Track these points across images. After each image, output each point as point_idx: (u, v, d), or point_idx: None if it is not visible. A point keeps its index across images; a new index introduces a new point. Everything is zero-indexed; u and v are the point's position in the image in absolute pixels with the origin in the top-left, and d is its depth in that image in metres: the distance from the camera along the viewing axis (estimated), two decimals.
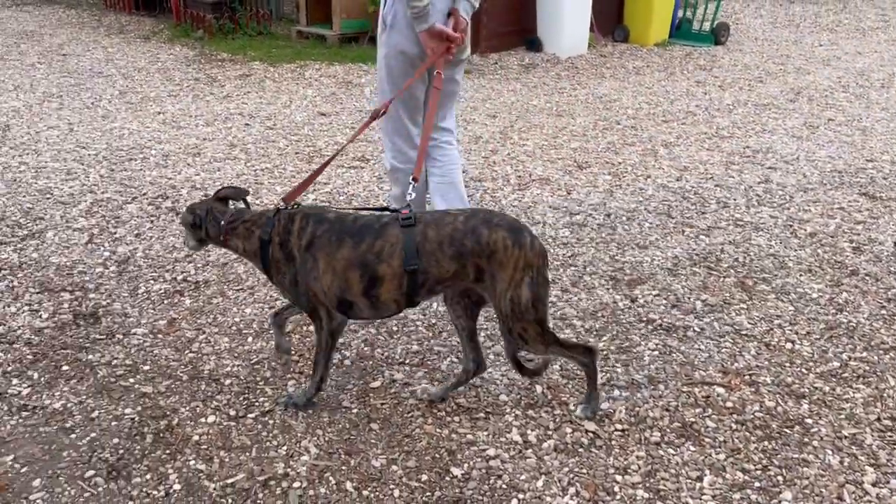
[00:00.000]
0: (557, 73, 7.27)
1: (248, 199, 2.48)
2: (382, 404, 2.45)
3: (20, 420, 2.34)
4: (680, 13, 8.90)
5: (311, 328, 2.80)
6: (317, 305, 2.26)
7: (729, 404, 2.46)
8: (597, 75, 7.20)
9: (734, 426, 2.36)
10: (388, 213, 2.25)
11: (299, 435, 2.30)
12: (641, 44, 8.46)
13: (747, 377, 2.60)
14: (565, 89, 6.65)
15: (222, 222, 2.37)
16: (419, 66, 2.79)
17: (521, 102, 6.18)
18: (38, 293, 3.07)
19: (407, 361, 2.68)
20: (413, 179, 2.39)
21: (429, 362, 2.68)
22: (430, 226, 2.14)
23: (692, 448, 2.27)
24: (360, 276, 2.16)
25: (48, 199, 4.01)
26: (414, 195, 2.38)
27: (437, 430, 2.33)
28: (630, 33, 8.56)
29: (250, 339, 2.77)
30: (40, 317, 2.90)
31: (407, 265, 2.12)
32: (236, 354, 2.68)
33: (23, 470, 2.14)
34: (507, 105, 6.08)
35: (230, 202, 2.47)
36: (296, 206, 2.31)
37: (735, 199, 4.16)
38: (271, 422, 2.36)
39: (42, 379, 2.54)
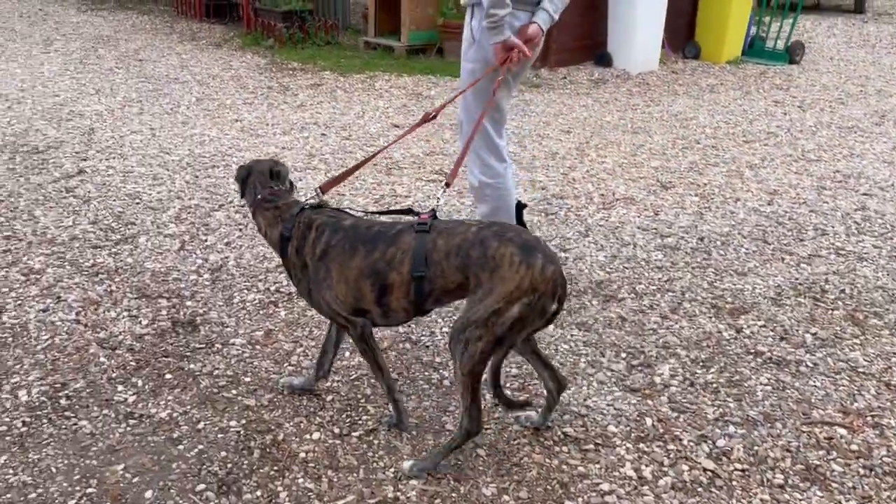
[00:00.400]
0: (629, 88, 7.15)
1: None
2: (487, 429, 2.38)
3: (128, 428, 2.34)
4: (753, 30, 8.69)
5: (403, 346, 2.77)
6: (334, 315, 2.23)
7: (854, 447, 2.33)
8: (669, 92, 7.06)
9: (862, 471, 2.23)
10: (411, 216, 2.22)
11: (405, 457, 2.25)
12: (713, 61, 8.27)
13: (870, 419, 2.46)
14: (638, 106, 6.53)
15: (258, 195, 2.32)
16: (500, 76, 2.80)
17: (593, 118, 6.09)
18: (135, 298, 3.09)
19: (507, 385, 2.61)
20: (446, 185, 2.33)
21: (530, 387, 2.60)
22: (441, 234, 2.09)
23: (819, 493, 2.14)
24: (371, 284, 2.12)
25: (137, 203, 4.07)
26: (442, 201, 2.35)
27: (547, 460, 2.26)
28: (701, 50, 8.38)
29: (347, 353, 2.74)
30: (140, 323, 2.92)
31: (414, 272, 2.06)
32: (335, 370, 2.65)
33: (134, 480, 2.14)
34: (580, 121, 6.00)
35: (282, 175, 2.39)
36: (321, 205, 2.29)
37: (833, 227, 4.00)
38: (376, 441, 2.31)
39: (146, 387, 2.54)
